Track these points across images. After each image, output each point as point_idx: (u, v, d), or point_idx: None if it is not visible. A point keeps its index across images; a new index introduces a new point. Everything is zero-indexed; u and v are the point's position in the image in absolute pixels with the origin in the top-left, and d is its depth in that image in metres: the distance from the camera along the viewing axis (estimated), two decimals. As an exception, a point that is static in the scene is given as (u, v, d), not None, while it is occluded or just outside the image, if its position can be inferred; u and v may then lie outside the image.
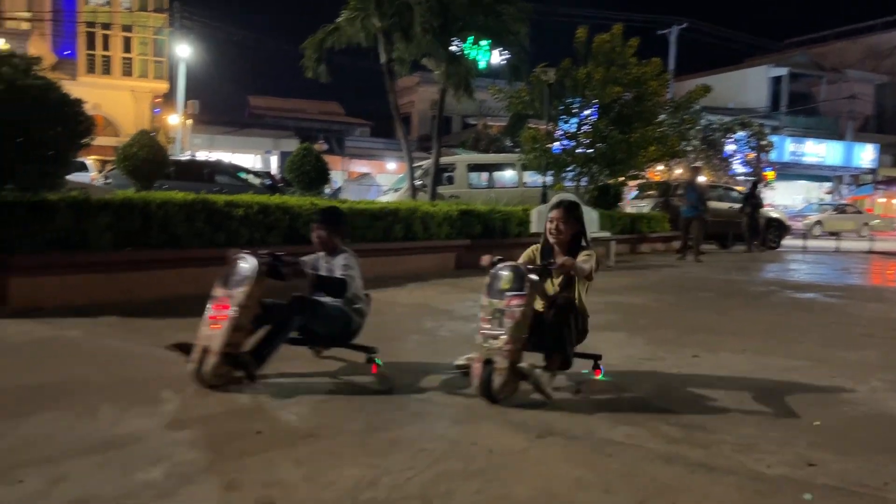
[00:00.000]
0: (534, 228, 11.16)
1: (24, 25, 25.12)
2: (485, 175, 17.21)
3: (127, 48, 28.49)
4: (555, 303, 3.77)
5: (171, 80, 27.78)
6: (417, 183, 16.19)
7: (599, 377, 4.07)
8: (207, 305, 3.74)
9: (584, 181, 16.45)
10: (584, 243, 3.98)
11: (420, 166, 16.95)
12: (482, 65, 14.47)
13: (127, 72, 28.48)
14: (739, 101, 38.70)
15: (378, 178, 30.02)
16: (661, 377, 4.29)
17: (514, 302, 3.51)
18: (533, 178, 16.51)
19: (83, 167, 18.30)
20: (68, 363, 4.24)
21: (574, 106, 16.11)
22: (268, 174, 20.51)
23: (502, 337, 3.46)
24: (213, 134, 31.41)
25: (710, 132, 30.10)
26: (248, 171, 17.51)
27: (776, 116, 40.96)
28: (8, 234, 5.62)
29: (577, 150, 16.06)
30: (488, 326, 3.56)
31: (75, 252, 5.96)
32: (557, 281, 3.93)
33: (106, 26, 27.82)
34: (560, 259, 3.81)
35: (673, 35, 36.09)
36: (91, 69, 27.65)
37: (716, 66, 43.18)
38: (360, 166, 35.05)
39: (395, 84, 15.59)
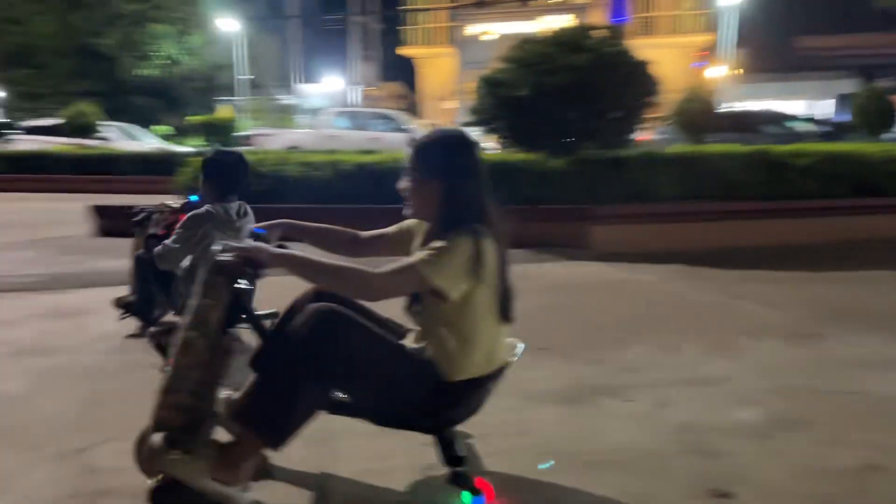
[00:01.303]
0: None
1: (583, 0, 27.89)
2: None
3: (674, 5, 29.23)
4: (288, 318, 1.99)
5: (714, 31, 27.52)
6: None
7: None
8: None
9: None
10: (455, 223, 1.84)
11: None
12: None
13: (673, 29, 29.27)
14: None
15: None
16: None
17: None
18: None
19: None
20: (643, 304, 4.70)
21: None
22: (812, 119, 18.87)
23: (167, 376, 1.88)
24: (756, 83, 30.17)
25: None
26: (795, 118, 16.38)
27: None
28: (591, 187, 6.47)
29: None
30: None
31: (645, 203, 6.52)
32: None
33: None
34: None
35: None
36: (641, 31, 29.28)
37: None
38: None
39: None
